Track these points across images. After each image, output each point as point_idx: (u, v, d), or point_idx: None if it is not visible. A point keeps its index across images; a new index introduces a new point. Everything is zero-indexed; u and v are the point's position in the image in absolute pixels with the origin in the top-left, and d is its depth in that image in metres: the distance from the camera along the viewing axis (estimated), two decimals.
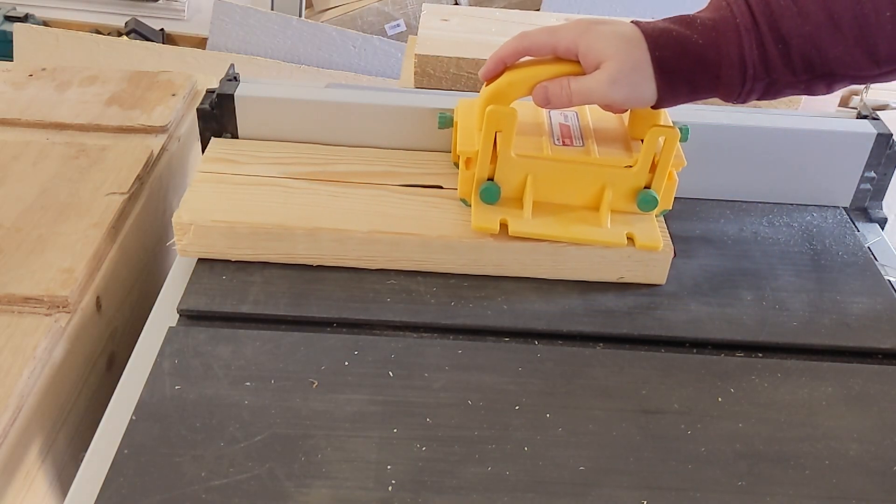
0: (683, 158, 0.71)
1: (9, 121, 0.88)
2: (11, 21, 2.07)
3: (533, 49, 0.66)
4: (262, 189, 0.74)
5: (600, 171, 0.70)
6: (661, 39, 0.62)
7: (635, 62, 0.62)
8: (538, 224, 0.70)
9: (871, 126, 0.82)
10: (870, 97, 1.90)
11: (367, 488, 0.54)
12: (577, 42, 0.63)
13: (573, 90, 0.64)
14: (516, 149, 0.69)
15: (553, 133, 0.72)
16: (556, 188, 0.71)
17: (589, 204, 0.71)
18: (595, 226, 0.70)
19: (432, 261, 0.71)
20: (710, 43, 0.62)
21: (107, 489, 0.53)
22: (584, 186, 0.71)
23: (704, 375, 0.64)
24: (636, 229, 0.70)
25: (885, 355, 0.68)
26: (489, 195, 0.70)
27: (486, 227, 0.69)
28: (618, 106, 0.67)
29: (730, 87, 0.63)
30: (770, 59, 0.62)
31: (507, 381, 0.62)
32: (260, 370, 0.62)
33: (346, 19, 2.29)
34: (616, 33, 0.63)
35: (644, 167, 0.69)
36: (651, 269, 0.71)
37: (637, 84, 0.63)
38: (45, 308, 0.66)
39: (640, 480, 0.56)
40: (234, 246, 0.70)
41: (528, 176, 0.70)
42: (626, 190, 0.71)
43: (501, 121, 0.67)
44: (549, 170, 0.70)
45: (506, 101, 0.67)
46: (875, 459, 0.58)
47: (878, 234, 0.83)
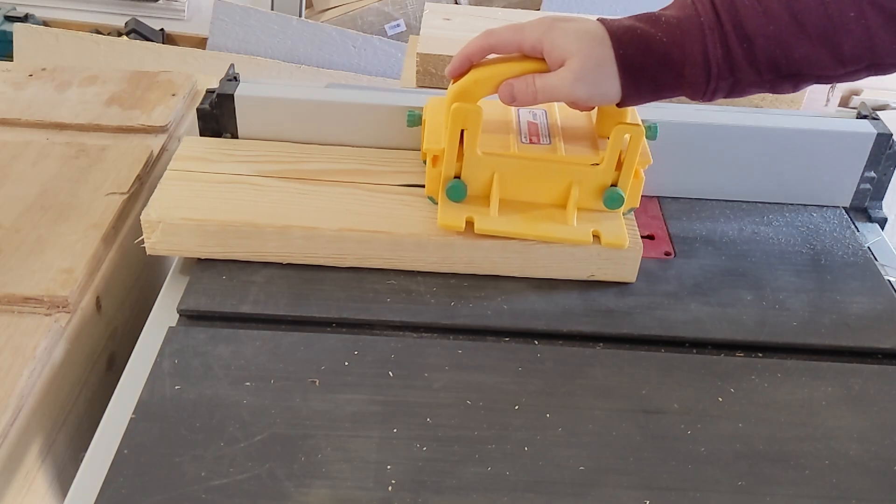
0: (650, 156, 0.71)
1: (9, 121, 0.88)
2: (11, 21, 2.07)
3: (499, 46, 0.66)
4: (233, 187, 0.74)
5: (567, 169, 0.70)
6: (626, 37, 0.62)
7: (599, 60, 0.62)
8: (504, 222, 0.70)
9: (871, 126, 0.82)
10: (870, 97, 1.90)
11: (367, 488, 0.54)
12: (542, 40, 0.63)
13: (538, 87, 0.64)
14: (483, 147, 0.69)
15: (521, 131, 0.72)
16: (523, 186, 0.71)
17: (556, 202, 0.71)
18: (562, 223, 0.70)
19: (402, 259, 0.71)
20: (674, 41, 0.62)
21: (107, 489, 0.53)
22: (551, 184, 0.71)
23: (704, 375, 0.64)
24: (603, 227, 0.70)
25: (885, 355, 0.68)
26: (456, 193, 0.70)
27: (452, 225, 0.69)
28: (582, 103, 0.67)
29: (694, 85, 0.63)
30: (734, 59, 0.61)
31: (507, 381, 0.62)
32: (260, 370, 0.62)
33: (346, 19, 2.28)
34: (580, 31, 0.63)
35: (610, 165, 0.69)
36: (621, 267, 0.71)
37: (601, 82, 0.63)
38: (45, 308, 0.66)
39: (640, 480, 0.56)
40: (204, 244, 0.70)
41: (494, 174, 0.70)
42: (593, 188, 0.71)
43: (467, 118, 0.67)
44: (516, 168, 0.70)
45: (472, 98, 0.67)
46: (875, 459, 0.58)
47: (878, 234, 0.83)
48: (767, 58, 0.61)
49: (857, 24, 0.60)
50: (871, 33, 0.60)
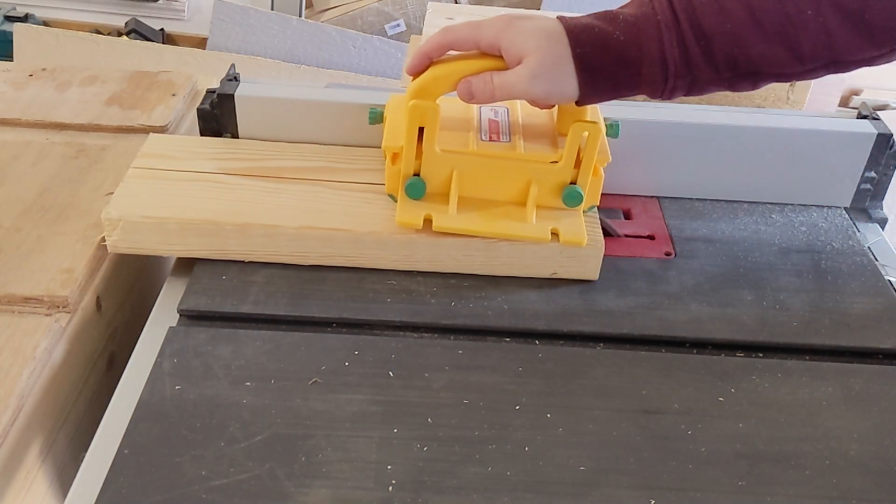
0: (608, 154, 0.71)
1: (9, 121, 0.88)
2: (11, 21, 2.07)
3: (457, 43, 0.65)
4: (195, 185, 0.74)
5: (525, 167, 0.70)
6: (583, 36, 0.62)
7: (556, 58, 0.62)
8: (463, 219, 0.70)
9: (872, 126, 0.82)
10: (870, 97, 1.90)
11: (368, 488, 0.54)
12: (500, 37, 0.63)
13: (496, 85, 0.64)
14: (442, 144, 0.69)
15: (481, 128, 0.72)
16: (483, 183, 0.71)
17: (516, 199, 0.71)
18: (521, 221, 0.70)
19: (365, 257, 0.71)
20: (631, 40, 0.62)
21: (107, 489, 0.53)
22: (510, 182, 0.71)
23: (705, 375, 0.64)
24: (562, 225, 0.70)
25: (886, 355, 0.68)
26: (415, 190, 0.70)
27: (410, 223, 0.69)
28: (540, 101, 0.66)
29: (653, 84, 0.63)
30: (691, 57, 0.61)
31: (508, 381, 0.62)
32: (260, 370, 0.62)
33: (346, 19, 2.28)
34: (538, 29, 0.63)
35: (569, 163, 0.69)
36: (583, 265, 0.71)
37: (558, 80, 0.63)
38: (45, 308, 0.66)
39: (640, 480, 0.56)
40: (165, 242, 0.70)
41: (453, 171, 0.70)
42: (552, 185, 0.71)
43: (424, 116, 0.67)
44: (475, 165, 0.70)
45: (430, 95, 0.67)
46: (875, 459, 0.58)
47: (879, 234, 0.83)
48: (725, 56, 0.61)
49: (815, 21, 0.60)
50: (829, 31, 0.60)
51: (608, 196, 0.84)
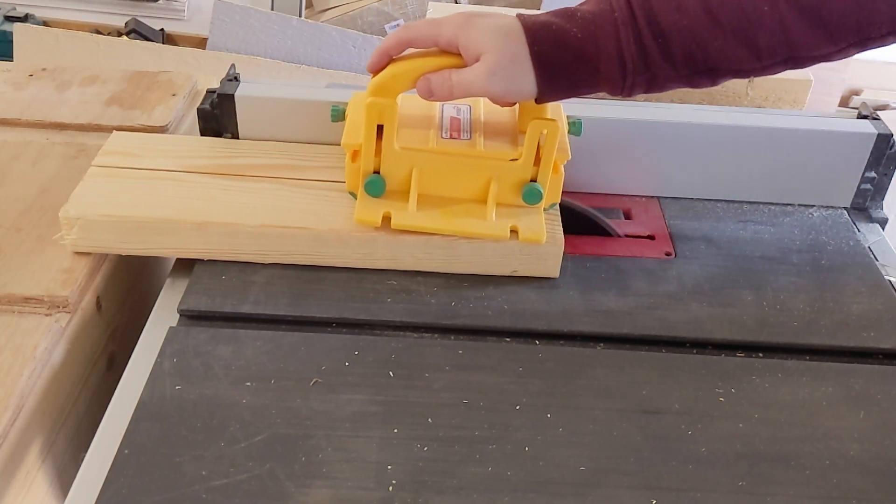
0: (568, 152, 0.71)
1: (9, 121, 0.88)
2: (11, 21, 2.06)
3: (415, 41, 0.65)
4: (156, 183, 0.73)
5: (485, 164, 0.70)
6: (540, 33, 0.62)
7: (513, 55, 0.62)
8: (422, 217, 0.70)
9: (872, 126, 0.82)
10: (870, 97, 1.90)
11: (368, 488, 0.54)
12: (458, 35, 0.63)
13: (454, 82, 0.64)
14: (403, 141, 0.69)
15: (442, 126, 0.72)
16: (443, 181, 0.71)
17: (476, 197, 0.71)
18: (480, 219, 0.70)
19: (325, 255, 0.71)
20: (588, 37, 0.62)
21: (107, 489, 0.53)
22: (470, 179, 0.71)
23: (705, 375, 0.64)
24: (521, 222, 0.70)
25: (886, 355, 0.68)
26: (374, 188, 0.70)
27: (368, 220, 0.69)
28: (499, 99, 0.66)
29: (611, 81, 0.63)
30: (649, 54, 0.61)
31: (508, 381, 0.62)
32: (260, 370, 0.62)
33: (346, 19, 2.28)
34: (495, 26, 0.63)
35: (528, 160, 0.69)
36: (542, 263, 0.71)
37: (515, 77, 0.63)
38: (45, 308, 0.66)
39: (640, 480, 0.56)
40: (124, 240, 0.70)
41: (413, 169, 0.70)
42: (512, 183, 0.70)
43: (383, 113, 0.67)
44: (435, 162, 0.70)
45: (390, 93, 0.67)
46: (875, 459, 0.58)
47: (879, 234, 0.83)
48: (683, 53, 0.61)
49: (772, 17, 0.60)
50: (785, 26, 0.60)
51: (608, 196, 0.84)
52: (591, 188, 0.84)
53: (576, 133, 0.72)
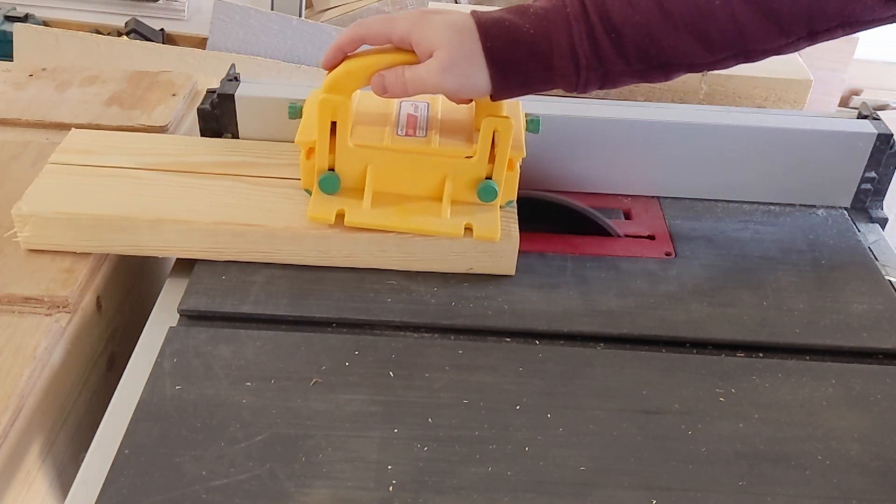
0: (523, 149, 0.71)
1: (9, 121, 0.88)
2: (11, 21, 2.06)
3: (369, 37, 0.65)
4: (112, 180, 0.73)
5: (440, 162, 0.70)
6: (493, 30, 0.62)
7: (466, 52, 0.62)
8: (376, 215, 0.70)
9: (872, 126, 0.82)
10: (870, 97, 1.90)
11: (368, 488, 0.54)
12: (411, 32, 0.63)
13: (407, 79, 0.64)
14: (358, 139, 0.69)
15: (399, 123, 0.72)
16: (398, 178, 0.71)
17: (432, 194, 0.71)
18: (435, 216, 0.70)
19: (281, 252, 0.71)
20: (541, 33, 0.62)
21: (107, 489, 0.53)
22: (425, 177, 0.70)
23: (705, 375, 0.64)
24: (476, 220, 0.70)
25: (886, 355, 0.68)
26: (328, 185, 0.70)
27: (321, 218, 0.69)
28: (452, 95, 0.66)
29: (565, 77, 0.63)
30: (602, 49, 0.61)
31: (508, 381, 0.62)
32: (260, 370, 0.62)
33: (346, 19, 2.28)
34: (448, 23, 0.63)
35: (483, 158, 0.69)
36: (498, 261, 0.71)
37: (468, 73, 0.63)
38: (46, 308, 0.66)
39: (640, 480, 0.56)
40: (78, 238, 0.70)
41: (368, 166, 0.70)
42: (467, 180, 0.70)
43: (336, 110, 0.67)
44: (389, 160, 0.70)
45: (344, 90, 0.67)
46: (876, 459, 0.58)
47: (879, 234, 0.83)
48: (636, 48, 0.61)
49: (723, 11, 0.60)
50: (737, 20, 0.60)
51: (608, 196, 0.84)
52: (591, 188, 0.84)
53: (534, 131, 0.72)
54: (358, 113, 0.72)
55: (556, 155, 0.82)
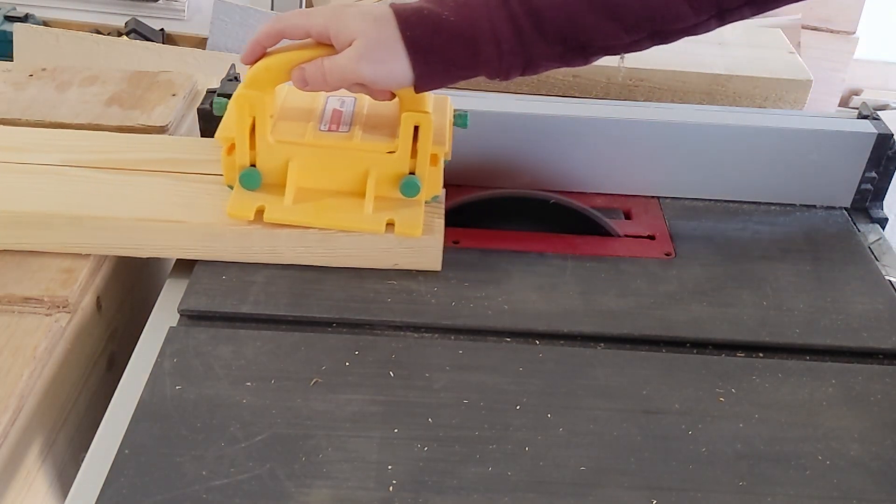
0: (446, 144, 0.71)
1: (9, 121, 0.88)
2: (11, 21, 2.06)
3: (287, 31, 0.65)
4: (37, 177, 0.72)
5: (361, 157, 0.69)
6: (412, 18, 0.62)
7: (384, 40, 0.62)
8: (296, 211, 0.69)
9: (872, 126, 0.82)
10: (870, 97, 1.90)
11: (368, 488, 0.54)
12: (328, 24, 0.63)
13: (326, 69, 0.64)
14: (280, 134, 0.69)
15: (323, 118, 0.72)
16: (320, 174, 0.70)
17: (355, 190, 0.71)
18: (357, 212, 0.70)
19: (202, 249, 0.70)
20: (462, 20, 0.61)
21: (107, 489, 0.53)
22: (348, 172, 0.70)
23: (705, 376, 0.64)
24: (399, 215, 0.70)
25: (886, 355, 0.68)
26: (249, 181, 0.69)
27: (240, 214, 0.69)
28: (372, 84, 0.65)
29: (488, 63, 0.63)
30: (523, 33, 0.61)
31: (508, 382, 0.62)
32: (261, 370, 0.62)
33: None
34: (365, 13, 0.63)
35: (404, 153, 0.69)
36: (422, 256, 0.71)
37: (386, 61, 0.62)
38: (46, 308, 0.66)
39: (641, 480, 0.56)
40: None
41: (289, 162, 0.69)
42: (390, 176, 0.70)
43: (253, 106, 0.67)
44: (311, 155, 0.69)
45: (264, 85, 0.66)
46: (876, 459, 0.58)
47: (879, 233, 0.83)
48: (555, 30, 0.61)
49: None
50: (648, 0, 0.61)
51: (608, 196, 0.84)
52: (591, 188, 0.84)
53: (462, 125, 0.72)
54: (284, 108, 0.72)
55: (557, 155, 0.82)
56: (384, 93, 0.67)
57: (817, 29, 1.93)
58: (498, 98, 0.86)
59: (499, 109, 0.80)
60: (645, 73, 0.97)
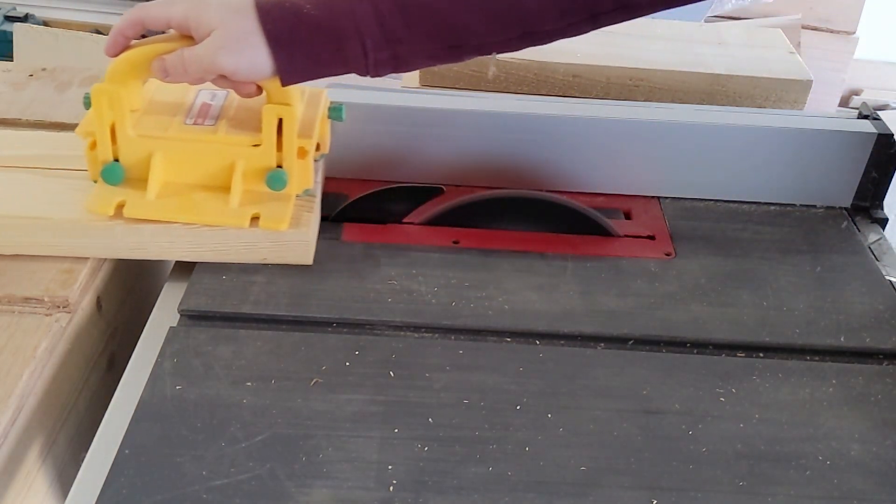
0: (314, 136, 0.70)
1: (9, 121, 0.88)
2: (11, 21, 2.06)
3: (148, 21, 0.64)
4: None
5: (226, 150, 0.69)
6: (274, 11, 0.61)
7: (243, 31, 0.61)
8: (158, 206, 0.68)
9: (873, 126, 0.82)
10: (870, 97, 1.90)
11: (368, 488, 0.54)
12: (188, 15, 0.62)
13: (185, 59, 0.63)
14: (141, 128, 0.68)
15: (190, 112, 0.71)
16: (186, 168, 0.69)
17: (222, 184, 0.70)
18: (222, 206, 0.69)
19: (66, 246, 0.69)
20: (325, 14, 0.61)
21: (108, 489, 0.53)
22: (213, 166, 0.69)
23: (705, 376, 0.64)
24: (266, 209, 0.69)
25: (886, 355, 0.68)
26: (111, 176, 0.68)
27: (99, 209, 0.68)
28: (232, 74, 0.64)
29: (354, 59, 0.62)
30: (389, 30, 0.61)
31: (508, 382, 0.62)
32: (261, 370, 0.62)
33: None
34: (224, 4, 0.62)
35: (269, 146, 0.68)
36: (290, 251, 0.70)
37: (245, 52, 0.62)
38: (46, 308, 0.66)
39: (641, 481, 0.56)
40: None
41: (152, 156, 0.68)
42: (258, 169, 0.69)
43: (112, 100, 0.66)
44: (175, 149, 0.69)
45: (124, 78, 0.66)
46: (876, 460, 0.58)
47: (879, 233, 0.83)
48: (424, 27, 0.61)
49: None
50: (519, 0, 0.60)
51: (608, 196, 0.84)
52: (591, 188, 0.84)
53: (337, 118, 0.71)
54: (153, 102, 0.71)
55: (557, 155, 0.82)
56: (248, 86, 0.66)
57: (817, 29, 1.93)
58: (498, 98, 0.86)
59: (499, 109, 0.81)
60: (645, 73, 0.97)
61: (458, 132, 0.80)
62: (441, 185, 0.82)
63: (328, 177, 0.81)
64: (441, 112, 0.80)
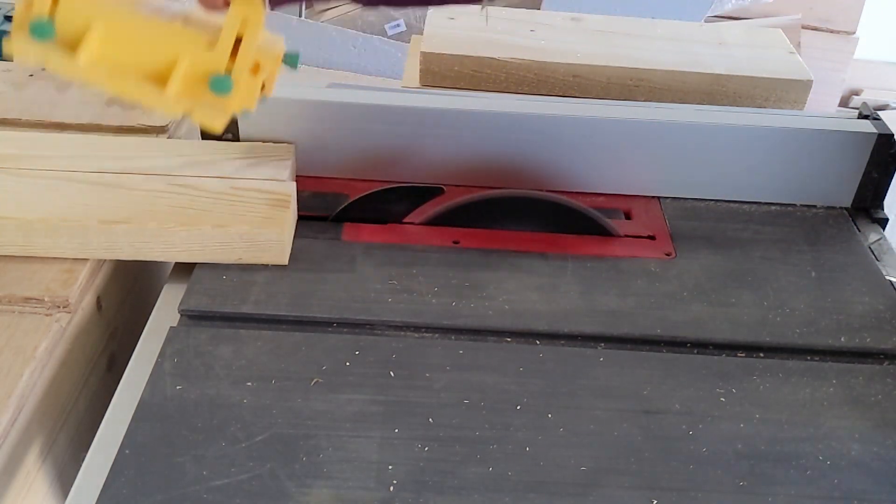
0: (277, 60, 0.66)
1: (9, 121, 0.88)
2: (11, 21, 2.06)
3: None
4: None
5: (176, 42, 0.63)
6: None
7: None
8: (85, 70, 0.61)
9: (873, 126, 0.82)
10: (870, 97, 1.90)
11: (369, 488, 0.54)
12: None
13: None
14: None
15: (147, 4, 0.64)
16: (126, 49, 0.62)
17: (160, 77, 0.63)
18: (158, 91, 0.62)
19: (38, 245, 0.69)
20: None
21: (108, 489, 0.53)
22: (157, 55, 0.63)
23: (706, 376, 0.64)
24: (201, 109, 0.64)
25: (887, 356, 0.68)
26: (40, 31, 0.60)
27: (20, 53, 0.60)
28: None
29: None
30: None
31: (509, 382, 0.62)
32: (261, 370, 0.62)
33: (346, 19, 2.28)
34: None
35: (224, 48, 0.62)
36: (265, 251, 0.70)
37: None
38: (46, 308, 0.66)
39: (641, 481, 0.56)
40: None
41: (92, 25, 0.61)
42: (203, 73, 0.63)
43: None
44: (120, 26, 0.62)
45: None
46: (876, 459, 0.58)
47: (879, 233, 0.83)
48: None
49: None
50: None
51: (608, 196, 0.84)
52: (591, 188, 0.84)
53: (291, 64, 0.67)
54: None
55: (557, 155, 0.82)
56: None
57: (817, 29, 1.93)
58: (498, 98, 0.86)
59: (499, 109, 0.81)
60: (645, 73, 0.97)
61: (458, 132, 0.80)
62: (441, 185, 0.82)
63: (328, 177, 0.81)
64: (441, 112, 0.80)
